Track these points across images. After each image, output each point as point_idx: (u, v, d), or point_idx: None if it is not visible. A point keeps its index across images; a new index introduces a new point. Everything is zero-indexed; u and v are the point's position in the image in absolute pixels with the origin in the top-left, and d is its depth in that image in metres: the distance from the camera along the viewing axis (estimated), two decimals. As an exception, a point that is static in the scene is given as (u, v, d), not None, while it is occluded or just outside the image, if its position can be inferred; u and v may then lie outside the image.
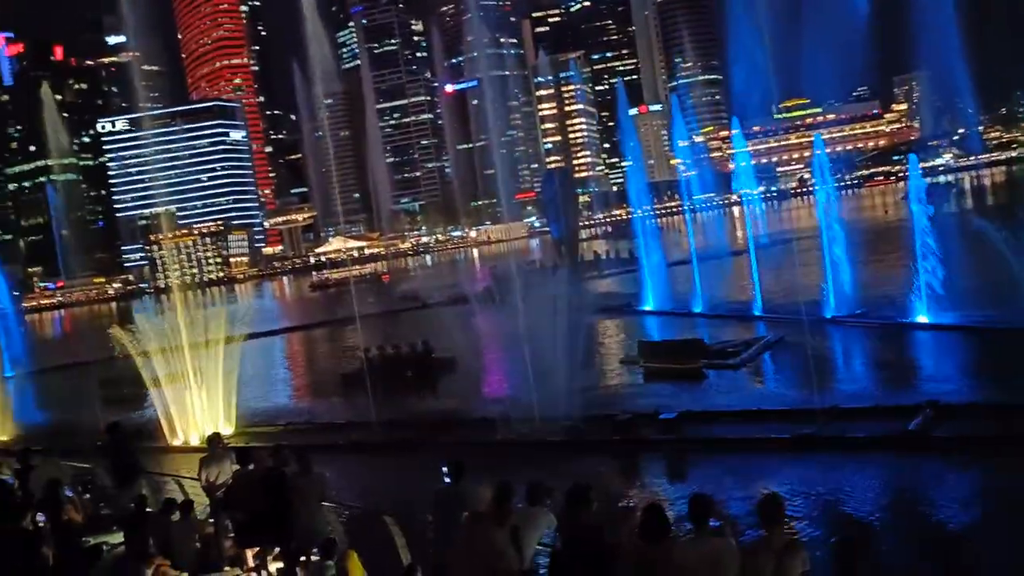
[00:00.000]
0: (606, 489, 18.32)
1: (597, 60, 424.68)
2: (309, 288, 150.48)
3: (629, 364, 33.95)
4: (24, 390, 50.98)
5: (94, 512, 16.12)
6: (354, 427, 27.82)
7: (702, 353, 31.63)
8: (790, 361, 28.43)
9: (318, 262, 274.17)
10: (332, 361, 48.17)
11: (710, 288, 52.00)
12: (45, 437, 28.12)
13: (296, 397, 39.11)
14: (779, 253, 56.84)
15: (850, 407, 21.69)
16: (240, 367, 51.98)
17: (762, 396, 26.38)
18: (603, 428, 23.17)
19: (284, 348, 60.77)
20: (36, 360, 70.08)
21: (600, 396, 28.72)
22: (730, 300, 49.27)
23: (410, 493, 20.55)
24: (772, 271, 48.32)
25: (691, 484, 19.32)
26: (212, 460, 14.36)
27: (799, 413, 21.83)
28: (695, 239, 71.97)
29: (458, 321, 60.83)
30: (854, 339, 32.51)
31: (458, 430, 25.42)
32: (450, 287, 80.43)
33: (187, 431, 29.96)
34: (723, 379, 29.65)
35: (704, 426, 22.60)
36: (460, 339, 48.87)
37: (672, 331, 40.04)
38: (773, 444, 20.62)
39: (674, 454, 21.34)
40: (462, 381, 36.03)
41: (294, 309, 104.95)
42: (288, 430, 28.96)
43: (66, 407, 44.72)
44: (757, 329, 37.26)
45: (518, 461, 22.25)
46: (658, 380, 30.70)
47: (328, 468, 18.39)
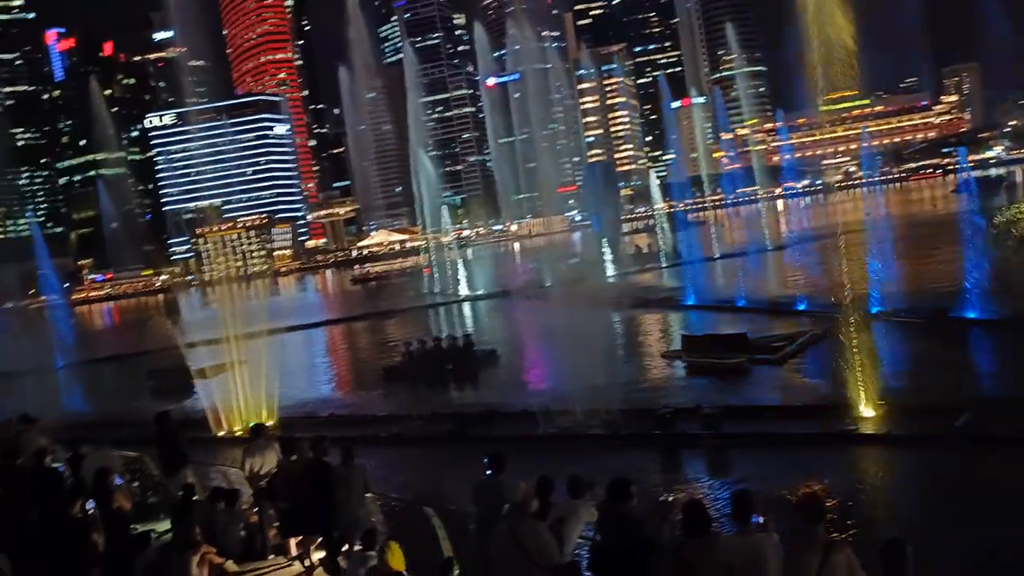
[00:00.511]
0: (647, 483, 18.27)
1: (639, 53, 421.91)
2: (351, 282, 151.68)
3: (671, 358, 33.74)
4: (74, 380, 52.03)
5: (142, 500, 16.44)
6: (396, 419, 27.97)
7: (745, 348, 31.32)
8: (835, 356, 28.04)
9: (360, 255, 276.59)
10: (373, 354, 48.49)
11: (753, 282, 51.52)
12: (95, 426, 28.65)
13: (338, 389, 39.42)
14: (823, 247, 56.06)
15: (895, 403, 21.37)
16: (284, 359, 52.68)
17: (806, 391, 26.08)
18: (644, 422, 23.07)
19: (326, 340, 61.32)
20: (86, 351, 71.59)
21: (642, 390, 28.60)
22: (773, 294, 48.72)
23: (451, 485, 20.70)
24: (816, 265, 47.75)
25: (733, 480, 19.18)
26: (256, 450, 14.55)
27: (843, 409, 21.55)
28: (738, 233, 71.40)
29: (499, 314, 61.04)
30: (901, 334, 31.99)
31: (499, 423, 25.46)
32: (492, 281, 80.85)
33: (231, 421, 30.34)
34: (766, 374, 29.36)
35: (746, 421, 22.39)
36: (502, 332, 49.05)
37: (715, 325, 39.70)
38: (816, 440, 20.39)
39: (716, 449, 21.19)
40: (503, 374, 36.11)
41: (336, 302, 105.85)
42: (330, 422, 29.20)
43: (115, 397, 45.65)
44: (801, 324, 36.81)
45: (559, 454, 22.27)
46: (700, 374, 30.48)
47: (370, 460, 18.55)
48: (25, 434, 17.54)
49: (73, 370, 57.64)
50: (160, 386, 45.83)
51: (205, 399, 31.93)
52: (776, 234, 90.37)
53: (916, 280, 43.21)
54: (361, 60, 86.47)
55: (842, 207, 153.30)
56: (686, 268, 74.91)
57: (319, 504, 12.72)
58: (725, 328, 37.59)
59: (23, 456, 15.93)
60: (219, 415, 30.93)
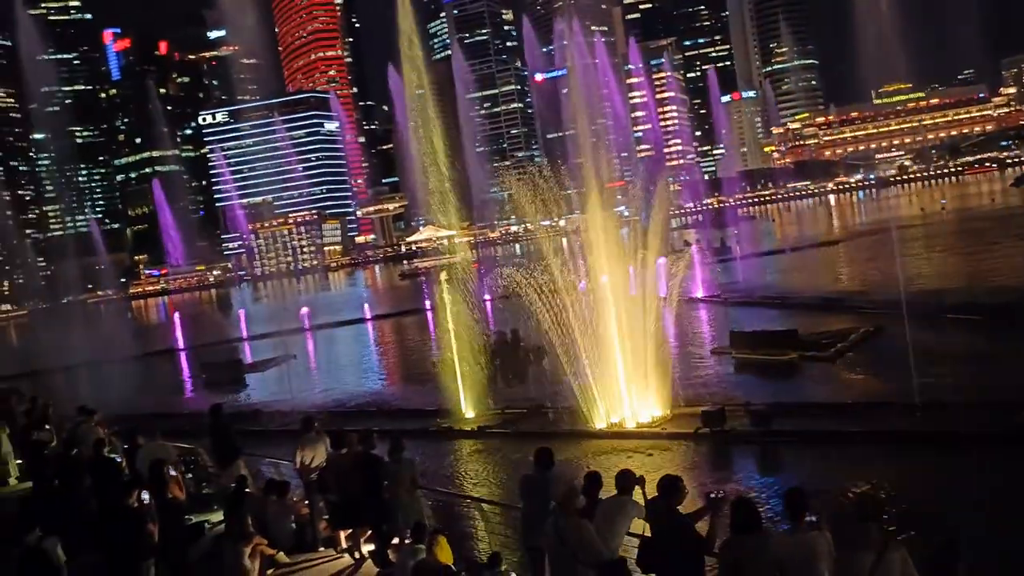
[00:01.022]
0: (696, 480, 18.14)
1: (689, 47, 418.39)
2: (399, 277, 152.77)
3: (721, 354, 33.46)
4: (130, 372, 53.11)
5: (196, 491, 16.75)
6: (443, 414, 28.11)
7: (796, 344, 30.94)
8: (887, 353, 27.56)
9: (409, 251, 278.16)
10: (422, 348, 48.77)
11: (804, 277, 50.91)
12: (149, 418, 29.23)
13: (387, 383, 39.72)
14: (876, 242, 55.15)
15: (951, 400, 20.92)
16: (334, 353, 53.31)
17: (858, 388, 25.67)
18: (693, 418, 22.90)
19: (376, 335, 61.83)
20: (142, 344, 73.04)
21: (691, 386, 28.39)
22: (825, 290, 48.04)
23: (499, 480, 20.77)
24: (869, 260, 46.97)
25: (783, 477, 18.96)
26: (307, 443, 14.71)
27: (897, 407, 21.16)
28: (789, 228, 70.64)
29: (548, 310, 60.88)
30: (956, 331, 31.31)
31: (546, 418, 25.46)
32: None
33: (285, 414, 30.70)
34: (817, 371, 28.97)
35: (797, 418, 22.10)
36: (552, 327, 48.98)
37: (765, 321, 39.26)
38: (869, 438, 20.04)
39: (766, 446, 20.96)
40: (552, 369, 36.06)
41: (385, 297, 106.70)
42: (380, 414, 29.44)
43: (168, 389, 46.57)
44: (853, 320, 36.24)
45: (607, 450, 22.23)
46: (750, 371, 30.19)
47: (419, 454, 18.68)
48: (84, 425, 17.96)
49: (129, 362, 58.82)
50: (213, 379, 46.64)
51: (260, 391, 32.33)
52: (828, 229, 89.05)
53: (974, 275, 42.26)
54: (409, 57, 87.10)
55: (896, 202, 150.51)
56: (735, 263, 74.26)
57: (368, 497, 12.84)
58: (775, 324, 37.16)
59: (81, 447, 16.32)
60: (273, 407, 31.20)
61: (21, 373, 53.57)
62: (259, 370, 46.82)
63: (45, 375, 56.32)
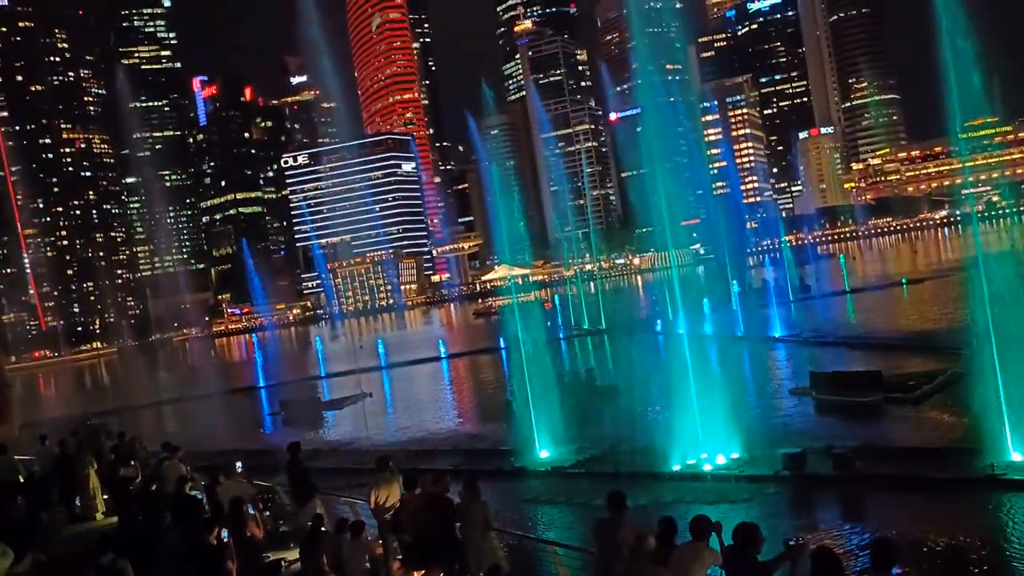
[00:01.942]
0: (775, 526, 17.67)
1: (765, 83, 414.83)
2: (473, 315, 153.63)
3: (800, 395, 32.69)
4: (213, 409, 54.31)
5: (273, 529, 16.97)
6: (520, 453, 27.98)
7: (879, 385, 30.06)
8: (978, 396, 26.56)
9: (484, 289, 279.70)
10: (497, 387, 48.81)
11: (887, 316, 49.59)
12: (230, 455, 29.82)
13: (461, 422, 39.81)
14: (963, 280, 53.38)
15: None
16: (409, 391, 53.72)
17: (945, 432, 24.77)
18: (772, 461, 22.36)
19: (450, 373, 62.16)
20: (224, 381, 74.77)
21: (769, 427, 27.78)
22: (910, 330, 46.67)
23: (573, 522, 20.57)
24: (956, 300, 45.43)
25: (866, 524, 18.35)
26: (381, 483, 14.81)
27: (987, 452, 20.33)
28: (870, 266, 68.98)
29: (623, 348, 60.49)
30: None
31: (621, 459, 25.15)
32: (613, 315, 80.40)
33: (361, 452, 30.99)
34: (902, 413, 28.07)
35: (881, 462, 21.40)
36: (625, 366, 48.59)
37: (847, 361, 38.29)
38: (959, 484, 19.28)
39: (849, 492, 20.33)
40: (626, 409, 35.72)
41: (460, 335, 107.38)
42: (454, 453, 29.49)
43: (249, 425, 47.48)
44: (940, 361, 35.06)
45: (683, 493, 21.82)
46: (831, 413, 29.42)
47: (493, 494, 18.63)
48: (167, 462, 18.41)
49: (212, 399, 60.21)
50: (291, 416, 47.41)
51: (335, 429, 32.71)
52: (912, 267, 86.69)
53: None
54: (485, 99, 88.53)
55: (984, 238, 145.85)
56: (815, 302, 72.74)
57: (442, 538, 12.84)
58: (856, 364, 36.22)
59: (164, 483, 16.73)
60: (347, 446, 31.53)
61: (110, 409, 55.26)
62: (336, 408, 47.46)
63: (132, 411, 58.07)
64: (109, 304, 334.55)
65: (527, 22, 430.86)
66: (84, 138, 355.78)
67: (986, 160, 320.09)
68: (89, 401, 69.68)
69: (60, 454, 22.42)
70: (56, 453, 22.81)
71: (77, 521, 19.93)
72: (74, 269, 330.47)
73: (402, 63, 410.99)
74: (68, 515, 20.12)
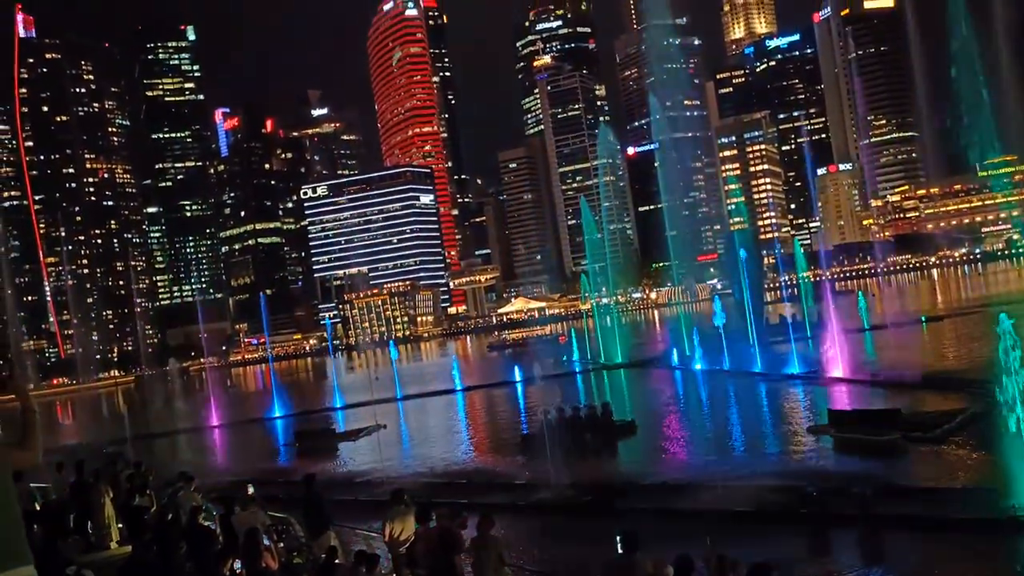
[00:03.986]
0: (793, 567, 17.45)
1: (783, 119, 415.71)
2: (488, 348, 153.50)
3: (818, 433, 32.41)
4: (229, 439, 54.43)
5: (288, 561, 16.90)
6: (533, 488, 27.83)
7: (898, 424, 29.78)
8: (998, 435, 26.28)
9: (500, 322, 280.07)
10: (512, 421, 48.66)
11: (906, 354, 49.15)
12: (246, 484, 29.80)
13: (476, 455, 39.64)
14: (984, 319, 53.03)
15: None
16: (423, 423, 53.62)
17: (966, 472, 24.46)
18: (790, 499, 22.13)
19: (465, 406, 62.02)
20: (239, 411, 74.88)
21: (787, 465, 27.54)
22: (930, 368, 46.24)
23: (587, 559, 20.37)
24: (977, 338, 45.06)
25: (887, 566, 18.10)
26: (396, 516, 14.76)
27: (1010, 492, 20.04)
28: (889, 303, 68.65)
29: (639, 383, 60.26)
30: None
31: (637, 496, 24.96)
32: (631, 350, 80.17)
33: (376, 484, 30.87)
34: (922, 453, 27.76)
35: (900, 502, 21.14)
36: (641, 401, 48.39)
37: (865, 399, 37.96)
38: (980, 526, 19.00)
39: (868, 532, 20.07)
40: (642, 444, 35.54)
41: (475, 368, 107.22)
42: (469, 487, 29.34)
43: (265, 456, 47.44)
44: (960, 400, 34.72)
45: (699, 531, 21.58)
46: (850, 451, 29.12)
47: (507, 528, 18.52)
48: (182, 492, 18.41)
49: (227, 430, 60.29)
50: (306, 447, 47.35)
51: (348, 460, 32.63)
52: (931, 304, 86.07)
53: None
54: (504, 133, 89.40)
55: (1005, 277, 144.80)
56: (832, 339, 72.19)
57: (455, 572, 12.77)
58: (875, 403, 35.91)
59: (179, 512, 16.71)
60: (360, 477, 31.44)
61: (126, 438, 55.39)
62: (351, 439, 47.40)
63: (148, 440, 58.16)
64: (128, 333, 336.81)
65: (546, 57, 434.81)
66: (107, 168, 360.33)
67: (1006, 199, 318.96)
68: (105, 429, 69.90)
69: (76, 482, 22.46)
70: (72, 481, 22.87)
71: (92, 550, 19.94)
72: (94, 297, 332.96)
73: (422, 96, 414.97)
74: (83, 544, 20.13)
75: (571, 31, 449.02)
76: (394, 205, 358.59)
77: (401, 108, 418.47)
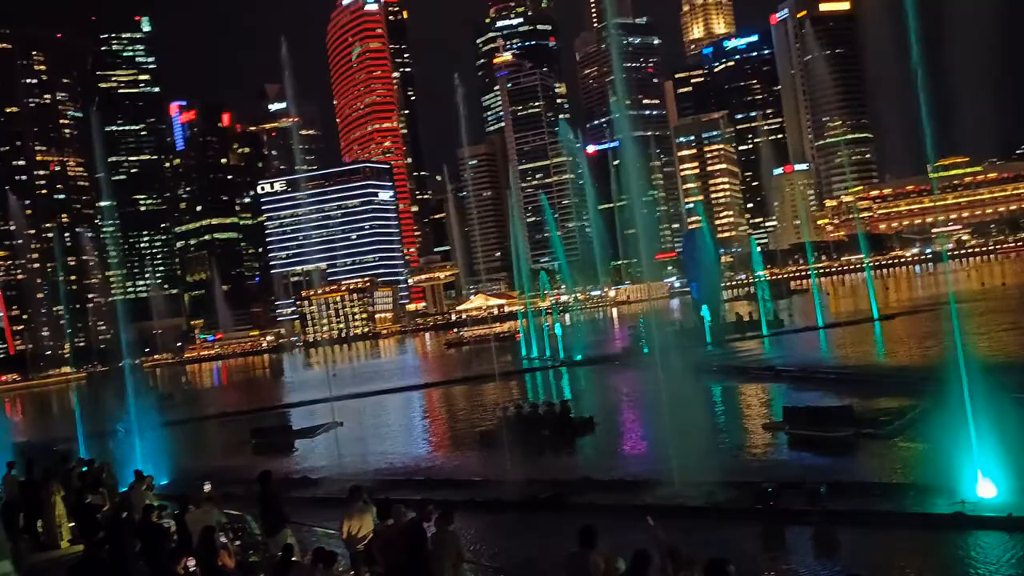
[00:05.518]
0: (747, 562, 17.66)
1: (741, 120, 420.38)
2: (445, 345, 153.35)
3: (773, 430, 32.83)
4: (182, 437, 53.63)
5: (243, 559, 16.75)
6: (491, 485, 27.84)
7: (851, 421, 30.26)
8: (949, 431, 26.80)
9: (459, 319, 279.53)
10: (469, 418, 48.64)
11: (859, 352, 49.99)
12: (200, 482, 29.45)
13: (434, 452, 39.58)
14: (934, 317, 54.10)
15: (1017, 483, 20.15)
16: (381, 421, 53.37)
17: (916, 468, 24.92)
18: (745, 496, 22.38)
19: (423, 403, 61.88)
20: (195, 408, 74.00)
21: (742, 462, 27.85)
22: (882, 366, 47.05)
23: (544, 555, 20.45)
24: (928, 336, 45.97)
25: (839, 561, 18.39)
26: (354, 513, 14.69)
27: (958, 488, 20.45)
28: (844, 301, 69.71)
29: (597, 380, 60.51)
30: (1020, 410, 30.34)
31: (594, 492, 25.08)
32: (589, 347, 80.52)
33: (333, 481, 30.66)
34: (874, 448, 28.23)
35: (853, 498, 21.48)
36: (599, 399, 48.62)
37: (817, 397, 38.52)
38: (930, 521, 19.39)
39: (821, 527, 20.37)
40: (600, 441, 35.71)
41: (432, 365, 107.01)
42: (428, 484, 29.27)
43: (219, 454, 46.92)
44: (911, 397, 35.36)
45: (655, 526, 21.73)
46: (804, 448, 29.54)
47: (465, 525, 18.52)
48: (136, 490, 18.17)
49: (181, 427, 59.47)
50: (262, 444, 46.93)
51: (304, 458, 32.37)
52: (883, 303, 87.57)
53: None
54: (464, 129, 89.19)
55: (955, 276, 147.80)
56: (788, 337, 73.20)
57: (413, 569, 12.73)
58: (828, 400, 36.44)
59: (133, 511, 16.48)
60: (317, 475, 31.25)
61: (77, 435, 54.39)
62: (308, 436, 47.05)
63: (100, 438, 57.18)
64: (79, 328, 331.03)
65: (507, 54, 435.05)
66: (59, 160, 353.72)
67: (956, 199, 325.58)
68: (56, 426, 68.62)
69: (26, 481, 22.05)
70: (22, 480, 22.44)
71: (41, 549, 19.60)
72: (44, 292, 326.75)
73: (381, 92, 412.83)
74: (32, 543, 19.78)
75: (531, 28, 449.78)
76: (353, 201, 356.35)
77: (360, 103, 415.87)
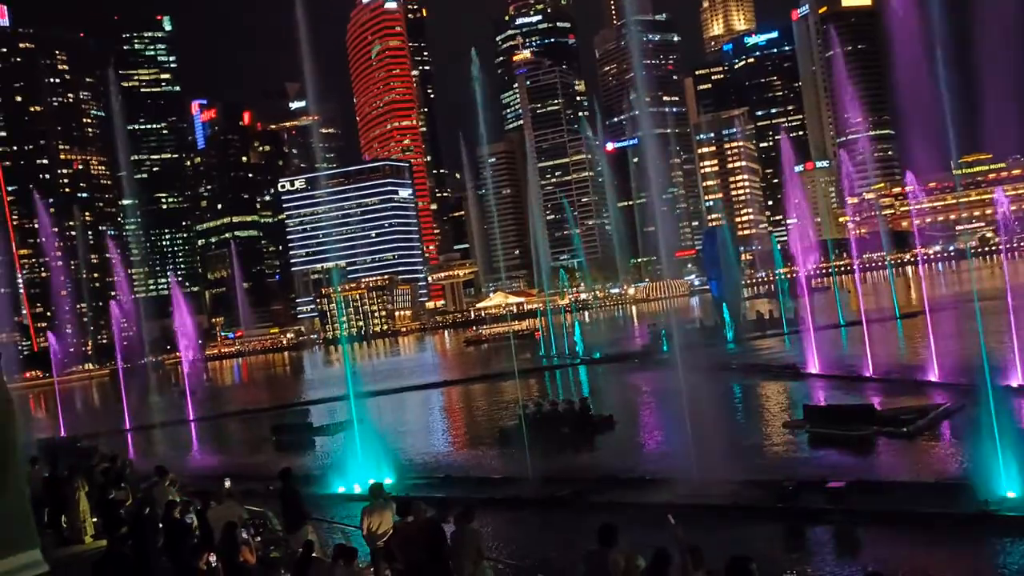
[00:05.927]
0: (768, 560, 17.58)
1: (761, 116, 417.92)
2: (464, 343, 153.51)
3: (794, 428, 32.66)
4: (204, 433, 54.07)
5: (264, 554, 16.86)
6: (511, 482, 27.85)
7: (873, 420, 30.07)
8: (971, 431, 26.58)
9: (478, 317, 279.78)
10: (489, 415, 48.68)
11: (881, 351, 49.53)
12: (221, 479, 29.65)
13: (455, 449, 39.65)
14: (957, 316, 53.54)
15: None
16: (401, 418, 53.53)
17: (939, 467, 24.73)
18: (766, 494, 22.28)
19: (443, 401, 61.98)
20: (216, 405, 74.46)
21: (763, 460, 27.74)
22: (903, 365, 46.73)
23: (564, 553, 20.45)
24: (950, 335, 45.48)
25: (861, 560, 18.28)
26: (374, 510, 14.75)
27: (982, 488, 20.27)
28: (865, 299, 69.13)
29: (616, 378, 60.41)
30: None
31: (614, 490, 25.04)
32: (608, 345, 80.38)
33: (352, 479, 30.77)
34: (896, 448, 28.04)
35: (876, 497, 21.34)
36: (619, 397, 48.54)
37: (840, 395, 38.29)
38: (953, 520, 19.23)
39: (842, 526, 20.25)
40: (620, 439, 35.66)
41: (452, 363, 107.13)
42: (448, 482, 29.33)
43: (240, 450, 47.20)
44: (934, 396, 35.11)
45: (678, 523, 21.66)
46: (825, 446, 29.37)
47: (484, 523, 18.53)
48: (158, 485, 18.31)
49: (203, 424, 59.92)
50: (282, 441, 47.17)
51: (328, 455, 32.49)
52: (906, 301, 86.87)
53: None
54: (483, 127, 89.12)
55: (979, 274, 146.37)
56: (809, 335, 72.67)
57: (433, 566, 12.77)
58: (850, 398, 36.22)
59: (155, 507, 16.62)
60: (340, 471, 31.36)
61: (101, 431, 54.89)
62: (328, 433, 47.24)
63: (123, 434, 57.67)
64: (102, 326, 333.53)
65: (526, 52, 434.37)
66: (82, 159, 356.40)
67: (980, 196, 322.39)
68: (80, 423, 69.22)
69: (50, 476, 22.29)
70: (46, 476, 22.68)
71: (65, 544, 19.80)
72: (67, 290, 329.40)
73: (401, 90, 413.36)
74: (56, 538, 19.99)
75: (551, 26, 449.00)
76: (372, 199, 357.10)
77: (380, 102, 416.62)
